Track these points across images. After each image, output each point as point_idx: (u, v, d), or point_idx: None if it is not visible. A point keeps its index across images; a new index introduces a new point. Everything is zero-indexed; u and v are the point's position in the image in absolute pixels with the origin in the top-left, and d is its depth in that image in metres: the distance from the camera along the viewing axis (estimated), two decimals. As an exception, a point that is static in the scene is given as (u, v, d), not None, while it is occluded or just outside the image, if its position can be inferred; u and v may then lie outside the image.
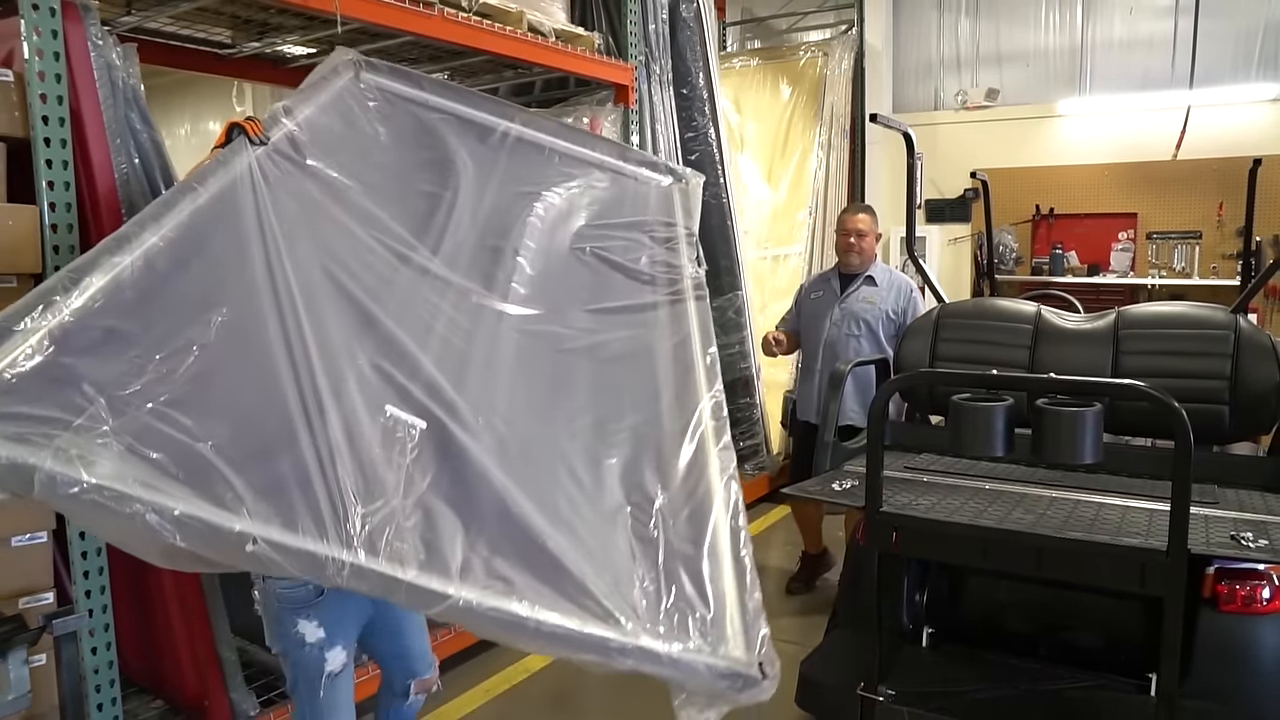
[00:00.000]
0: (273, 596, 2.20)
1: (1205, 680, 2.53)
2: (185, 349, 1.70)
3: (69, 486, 1.43)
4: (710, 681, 1.61)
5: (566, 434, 1.93)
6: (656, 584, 1.76)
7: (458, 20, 3.90)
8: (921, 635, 2.84)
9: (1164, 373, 3.00)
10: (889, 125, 4.20)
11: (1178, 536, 2.00)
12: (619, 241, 2.40)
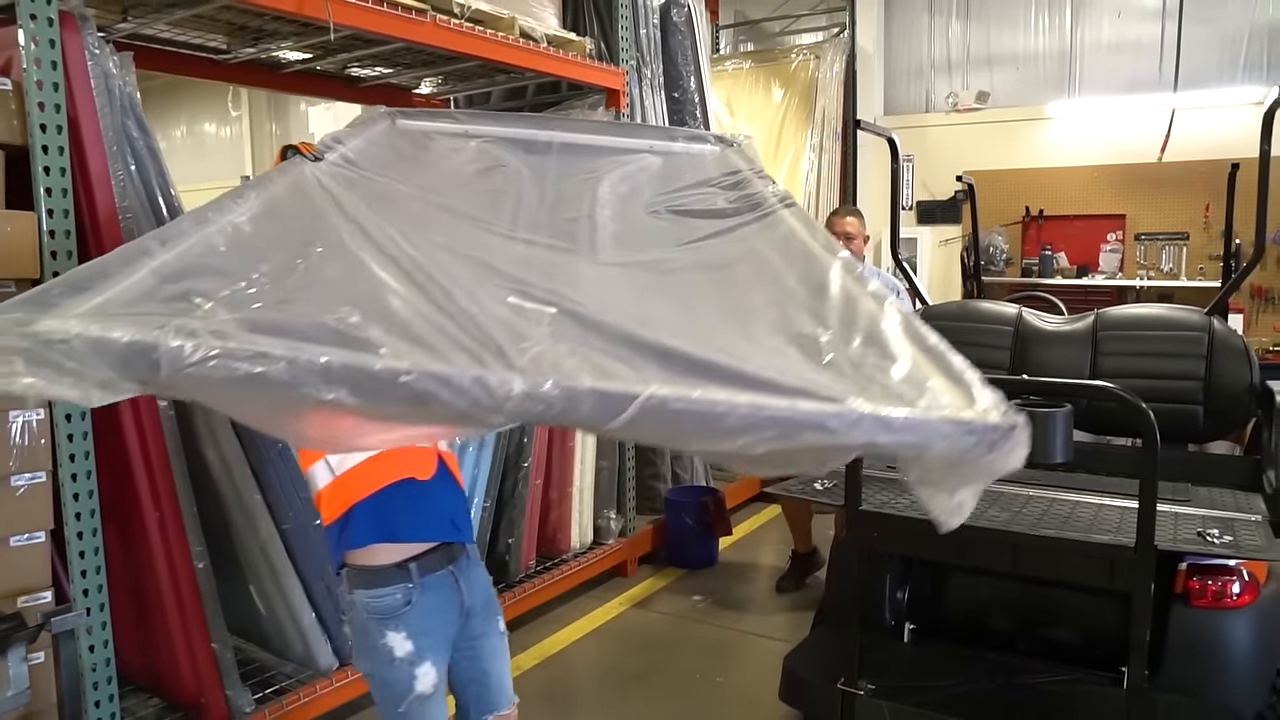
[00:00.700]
0: (359, 610, 2.14)
1: (1177, 674, 2.59)
2: (290, 268, 1.68)
3: (200, 355, 1.35)
4: (955, 441, 1.36)
5: (704, 324, 1.72)
6: (855, 378, 1.50)
7: (449, 27, 3.95)
8: (903, 631, 2.90)
9: (1140, 373, 3.06)
10: (873, 131, 4.26)
11: (1145, 533, 2.07)
12: (690, 197, 2.32)
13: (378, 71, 5.12)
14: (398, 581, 2.13)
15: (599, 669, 4.33)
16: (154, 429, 3.02)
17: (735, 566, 5.51)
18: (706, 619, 4.76)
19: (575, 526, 4.97)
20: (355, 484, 2.10)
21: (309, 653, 3.57)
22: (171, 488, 3.07)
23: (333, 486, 2.11)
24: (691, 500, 5.44)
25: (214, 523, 3.40)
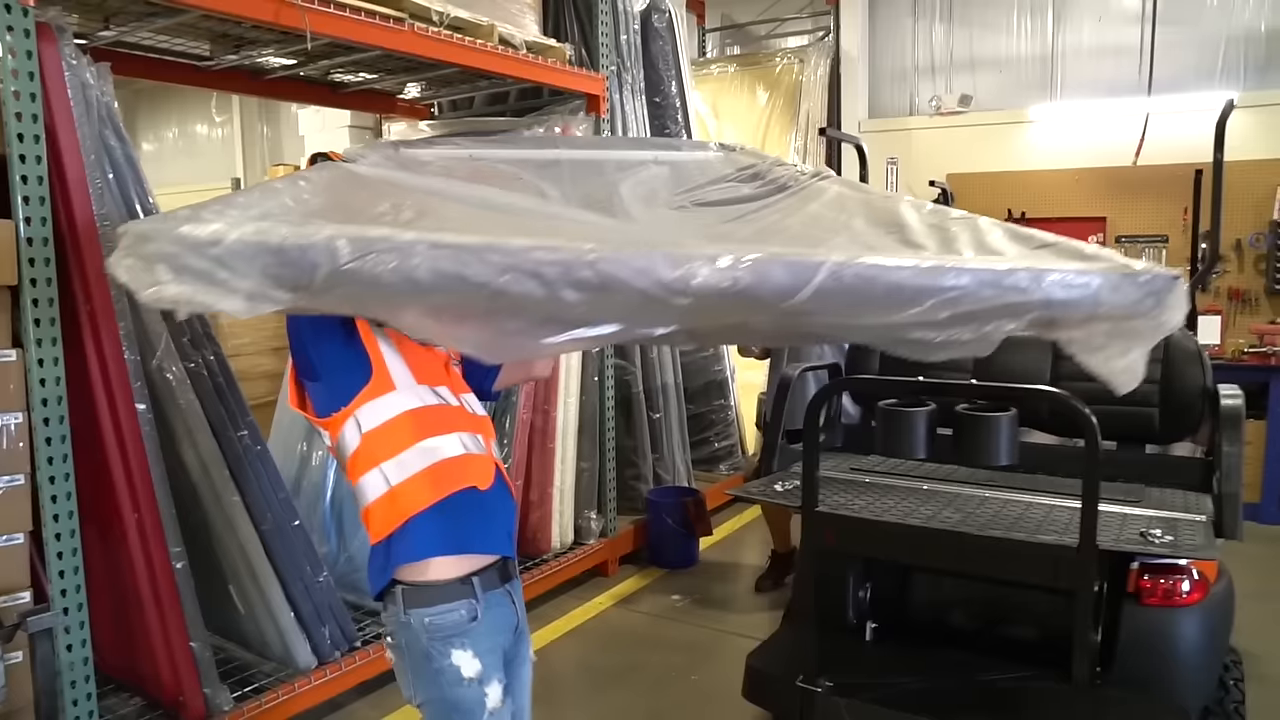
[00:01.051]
0: (417, 632, 1.98)
1: (1128, 670, 2.66)
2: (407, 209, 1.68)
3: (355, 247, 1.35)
4: (1125, 294, 1.37)
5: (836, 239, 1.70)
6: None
7: (427, 35, 4.01)
8: (865, 630, 2.96)
9: None
10: (839, 138, 4.32)
11: (1087, 533, 2.13)
12: (712, 192, 2.28)
13: (361, 77, 5.17)
14: (461, 597, 2.01)
15: (577, 667, 4.39)
16: (132, 432, 3.07)
17: (716, 566, 5.58)
18: (685, 618, 4.82)
19: (556, 527, 5.03)
20: (415, 494, 1.99)
21: (288, 651, 3.63)
22: (150, 489, 3.13)
23: (387, 498, 1.98)
24: (672, 501, 5.50)
25: (193, 523, 3.47)
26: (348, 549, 4.44)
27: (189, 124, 13.22)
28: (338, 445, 2.04)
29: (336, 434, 2.03)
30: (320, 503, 4.57)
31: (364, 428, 1.98)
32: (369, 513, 2.02)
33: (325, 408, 2.03)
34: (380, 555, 2.02)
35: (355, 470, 2.02)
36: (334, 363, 2.01)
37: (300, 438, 4.82)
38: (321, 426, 2.07)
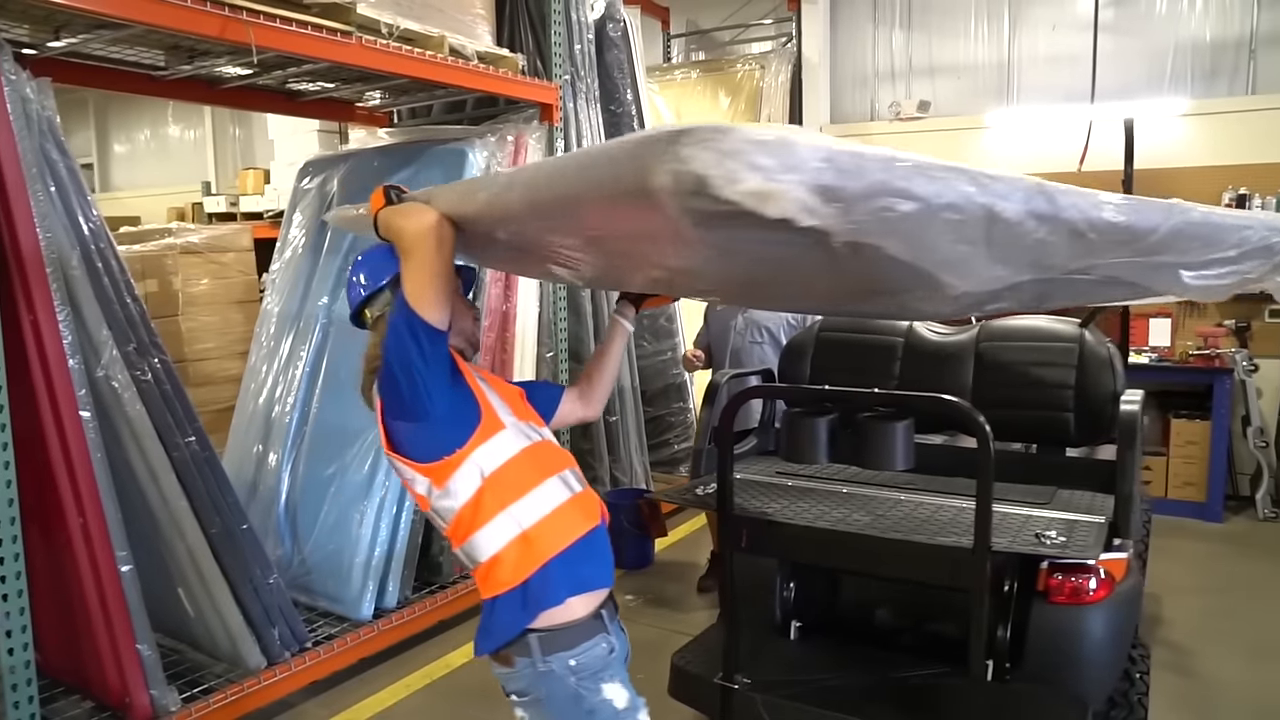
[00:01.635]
0: (561, 676, 1.94)
1: (1037, 665, 2.76)
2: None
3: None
4: None
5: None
6: None
7: (375, 47, 4.09)
8: (790, 629, 3.06)
9: (1018, 382, 3.25)
10: None
11: (981, 535, 2.23)
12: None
13: (319, 86, 5.24)
14: (598, 632, 1.99)
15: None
16: (77, 438, 3.14)
17: (671, 566, 5.67)
18: (636, 618, 4.91)
19: (511, 528, 5.10)
20: (551, 535, 1.95)
21: (237, 652, 3.70)
22: (95, 494, 3.19)
23: (520, 542, 1.93)
24: (627, 502, 5.59)
25: (143, 527, 3.53)
26: (301, 551, 4.51)
27: (161, 126, 13.21)
28: (445, 492, 1.94)
29: (444, 480, 1.93)
30: (275, 506, 4.64)
31: (486, 471, 1.92)
32: (496, 561, 1.94)
33: (431, 451, 1.93)
34: (512, 605, 1.93)
35: (475, 518, 1.94)
36: (446, 401, 1.92)
37: (257, 440, 4.89)
38: (422, 473, 1.95)
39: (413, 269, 1.89)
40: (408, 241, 1.89)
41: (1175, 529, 6.19)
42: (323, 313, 4.88)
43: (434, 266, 1.87)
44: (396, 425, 1.96)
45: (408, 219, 1.90)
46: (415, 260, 1.88)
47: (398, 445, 1.97)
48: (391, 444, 1.98)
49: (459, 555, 2.04)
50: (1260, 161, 6.66)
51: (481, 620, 2.00)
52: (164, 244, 6.41)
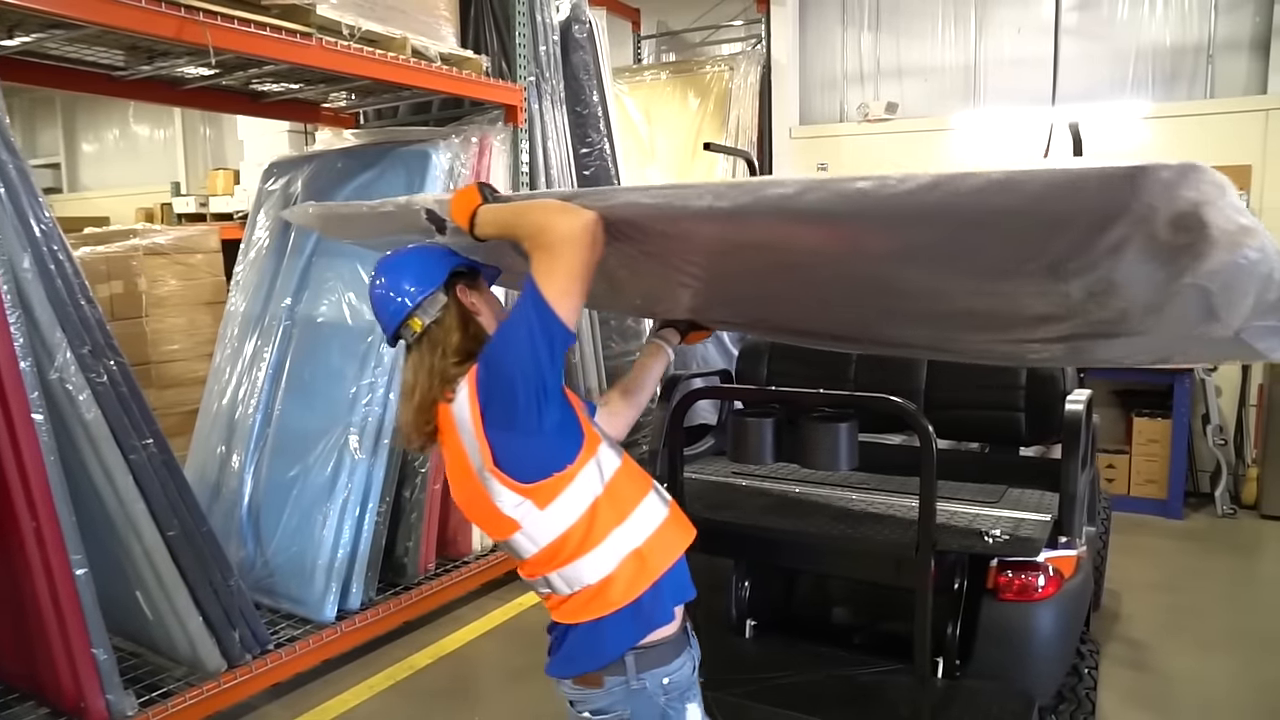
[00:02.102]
0: (653, 695, 1.91)
1: (986, 662, 2.81)
2: None
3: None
4: None
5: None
6: None
7: (336, 49, 4.08)
8: (745, 627, 3.09)
9: (971, 383, 3.29)
10: (725, 152, 4.45)
11: (924, 533, 2.26)
12: None
13: (282, 87, 5.22)
14: (684, 648, 1.97)
15: (490, 666, 4.48)
16: (29, 441, 3.12)
17: (638, 566, 5.68)
18: (601, 617, 4.92)
19: (476, 530, 5.11)
20: (660, 553, 1.92)
21: (197, 655, 3.69)
22: (49, 498, 3.17)
23: (635, 559, 1.88)
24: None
25: (100, 530, 3.52)
26: (264, 553, 4.50)
27: (130, 126, 13.09)
28: (547, 513, 1.84)
29: (549, 500, 1.83)
30: (238, 508, 4.62)
31: (598, 488, 1.86)
32: (609, 582, 1.87)
33: (537, 469, 1.83)
34: (622, 624, 1.88)
35: (587, 539, 1.85)
36: (558, 413, 1.82)
37: (220, 442, 4.87)
38: (524, 494, 1.83)
39: (560, 268, 1.73)
40: (557, 237, 1.73)
41: (1137, 526, 6.28)
42: (286, 314, 4.86)
43: (585, 268, 1.74)
44: (502, 439, 1.82)
45: (561, 215, 1.74)
46: (565, 259, 1.73)
47: (500, 462, 1.83)
48: (495, 460, 1.83)
49: (550, 581, 1.91)
50: (1219, 163, 6.71)
51: (570, 642, 1.93)
52: (129, 245, 6.37)
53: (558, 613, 1.96)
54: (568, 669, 1.95)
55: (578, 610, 1.91)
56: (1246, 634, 4.57)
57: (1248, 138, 6.72)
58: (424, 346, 1.95)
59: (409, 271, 1.98)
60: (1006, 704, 2.61)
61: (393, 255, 2.05)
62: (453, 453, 1.92)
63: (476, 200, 1.93)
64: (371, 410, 4.47)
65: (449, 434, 1.91)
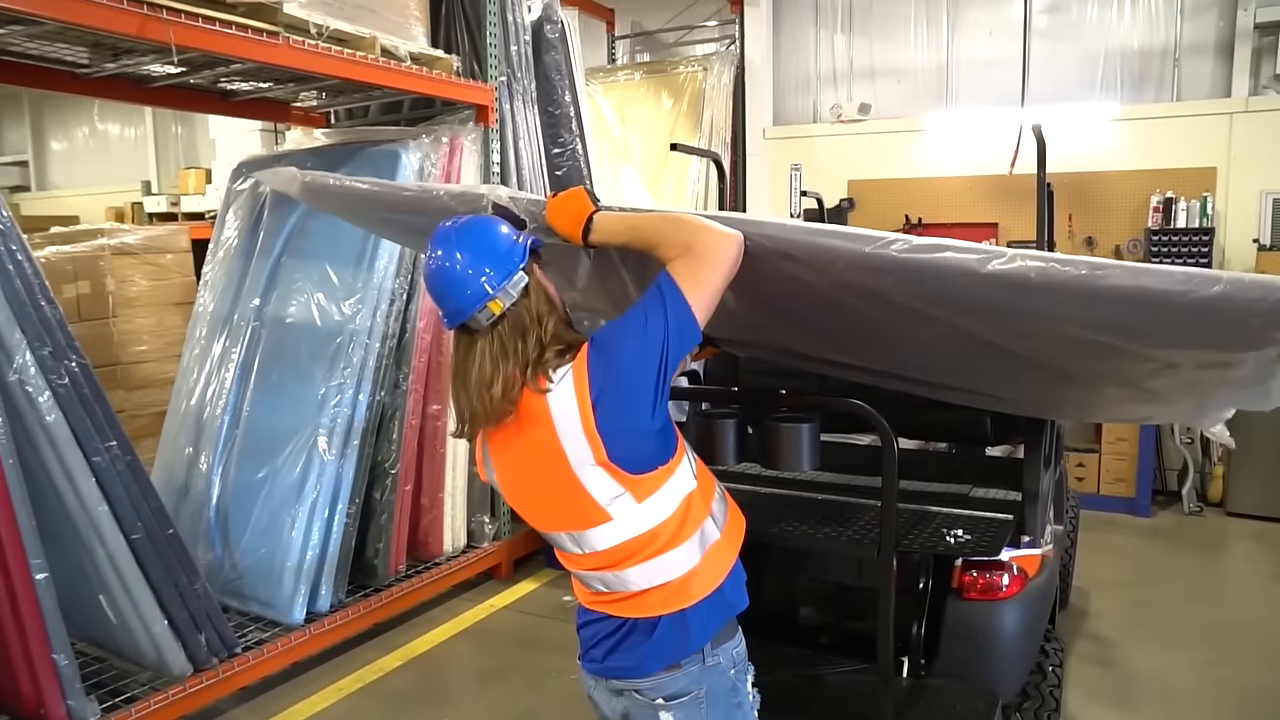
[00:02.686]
0: (725, 668, 1.95)
1: (950, 661, 2.83)
2: None
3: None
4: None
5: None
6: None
7: (304, 48, 4.05)
8: (711, 627, 3.09)
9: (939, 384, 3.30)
10: (691, 152, 4.46)
11: (886, 535, 2.27)
12: None
13: (251, 86, 5.18)
14: (736, 628, 2.04)
15: (460, 668, 4.47)
16: (-12, 444, 3.08)
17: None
18: (572, 618, 4.89)
19: (448, 531, 5.09)
20: (735, 539, 2.00)
21: (162, 659, 3.66)
22: (7, 499, 3.13)
23: (716, 552, 1.93)
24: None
25: (62, 534, 3.47)
26: (233, 556, 4.46)
27: (101, 124, 12.95)
28: (643, 507, 1.84)
29: (648, 494, 1.84)
30: (206, 509, 4.58)
31: (691, 483, 1.90)
32: (693, 575, 1.89)
33: (645, 462, 1.83)
34: (707, 612, 1.91)
35: (679, 533, 1.87)
36: (666, 409, 1.85)
37: (188, 443, 4.82)
38: (626, 486, 1.83)
39: (707, 276, 1.77)
40: (712, 248, 1.77)
41: (1106, 524, 6.34)
42: (255, 314, 4.82)
43: (725, 282, 1.80)
44: (615, 431, 1.78)
45: (713, 228, 1.79)
46: (713, 270, 1.77)
47: (613, 455, 1.79)
48: (609, 454, 1.80)
49: (623, 577, 1.90)
50: (1186, 166, 6.84)
51: (655, 637, 1.90)
52: (97, 245, 6.29)
53: (621, 607, 1.93)
54: (651, 664, 1.91)
55: (657, 604, 1.90)
56: (1209, 630, 4.62)
57: (1212, 140, 6.81)
58: (506, 330, 1.82)
59: (490, 247, 1.83)
60: (971, 703, 2.63)
61: (462, 227, 1.88)
62: (535, 443, 1.84)
63: (589, 206, 1.93)
64: (340, 411, 4.44)
65: (536, 425, 1.82)
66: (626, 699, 1.97)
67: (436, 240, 1.88)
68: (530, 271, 1.86)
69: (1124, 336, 1.78)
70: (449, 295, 1.83)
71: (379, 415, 4.67)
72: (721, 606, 1.94)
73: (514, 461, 1.92)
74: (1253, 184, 6.70)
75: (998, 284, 1.69)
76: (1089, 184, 7.09)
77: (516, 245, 1.85)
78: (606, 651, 1.96)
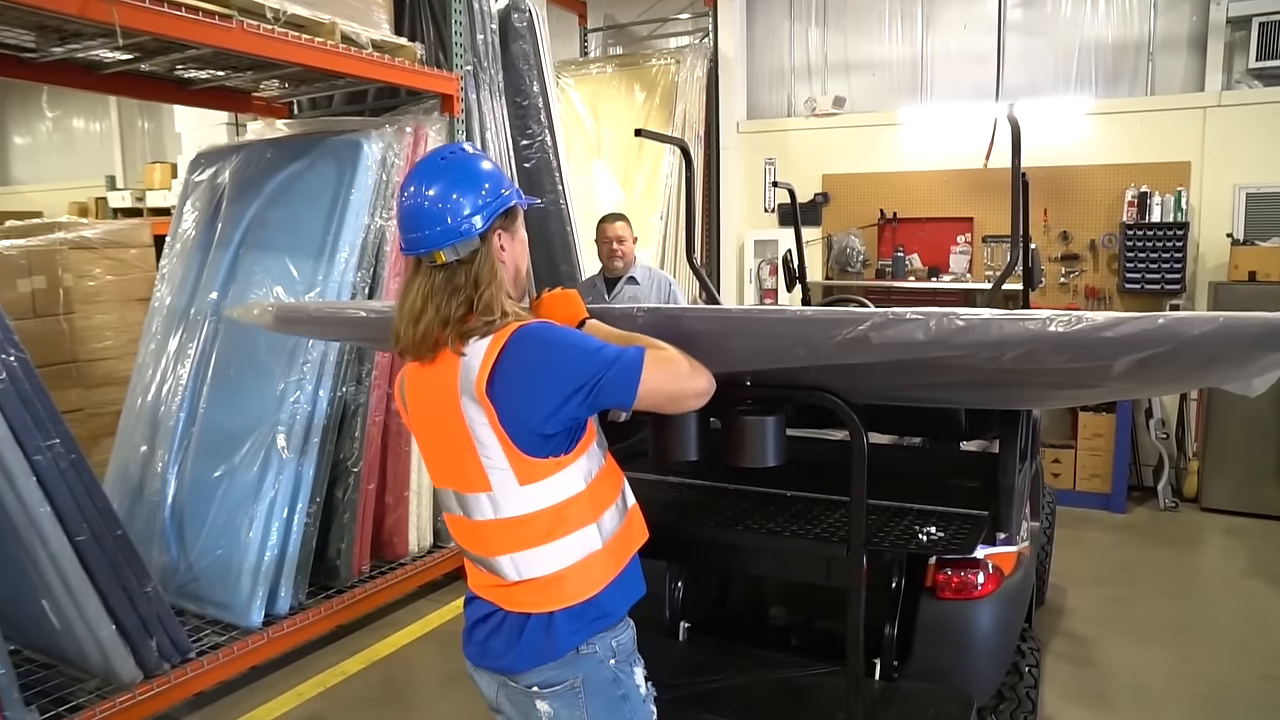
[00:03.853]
0: (602, 658, 1.89)
1: (924, 662, 2.74)
2: None
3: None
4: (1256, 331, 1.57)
5: None
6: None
7: (258, 32, 3.92)
8: (679, 629, 2.99)
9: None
10: (658, 139, 4.36)
11: (855, 533, 2.18)
12: None
13: (209, 74, 5.03)
14: (625, 615, 1.99)
15: (425, 671, 4.35)
16: (-80, 443, 2.94)
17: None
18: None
19: (413, 530, 4.98)
20: (622, 552, 1.94)
21: (110, 666, 3.51)
22: (-58, 503, 2.99)
23: (595, 559, 1.87)
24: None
25: (2, 536, 3.33)
26: (188, 557, 4.32)
27: (65, 117, 12.71)
28: (522, 492, 1.81)
29: (530, 480, 1.80)
30: (161, 509, 4.44)
31: (581, 483, 1.85)
32: (563, 577, 1.83)
33: (539, 447, 1.79)
34: (578, 618, 1.85)
35: (553, 529, 1.82)
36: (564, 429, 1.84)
37: (143, 440, 4.67)
38: (511, 461, 1.79)
39: (668, 390, 1.82)
40: (688, 385, 1.85)
41: (1081, 520, 6.31)
42: (212, 308, 4.68)
43: (676, 410, 1.93)
44: (510, 409, 1.77)
45: (697, 367, 1.87)
46: (677, 395, 1.85)
47: (504, 421, 1.77)
48: (500, 419, 1.77)
49: (498, 564, 1.87)
50: (1160, 160, 6.81)
51: (522, 637, 1.86)
52: (53, 239, 6.12)
53: (495, 594, 1.92)
54: (520, 663, 1.87)
55: (526, 600, 1.86)
56: (1183, 626, 4.59)
57: (1186, 134, 6.78)
58: (441, 281, 1.82)
59: (457, 200, 1.81)
60: (944, 705, 2.54)
61: (449, 164, 1.87)
62: (442, 388, 1.83)
63: (581, 313, 2.00)
64: (300, 407, 4.31)
65: (446, 374, 1.81)
66: (503, 687, 1.93)
67: (422, 167, 1.89)
68: (486, 239, 1.83)
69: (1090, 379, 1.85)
70: (406, 226, 1.84)
71: (341, 411, 4.54)
72: (595, 615, 1.88)
73: (422, 401, 1.91)
74: (1226, 178, 6.67)
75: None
76: (1063, 178, 7.06)
77: (484, 207, 1.82)
78: (483, 637, 1.93)
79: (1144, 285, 6.76)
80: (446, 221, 1.80)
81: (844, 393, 2.18)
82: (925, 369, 1.91)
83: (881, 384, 2.17)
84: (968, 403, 2.54)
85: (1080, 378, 1.89)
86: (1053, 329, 1.67)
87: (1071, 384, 2.05)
